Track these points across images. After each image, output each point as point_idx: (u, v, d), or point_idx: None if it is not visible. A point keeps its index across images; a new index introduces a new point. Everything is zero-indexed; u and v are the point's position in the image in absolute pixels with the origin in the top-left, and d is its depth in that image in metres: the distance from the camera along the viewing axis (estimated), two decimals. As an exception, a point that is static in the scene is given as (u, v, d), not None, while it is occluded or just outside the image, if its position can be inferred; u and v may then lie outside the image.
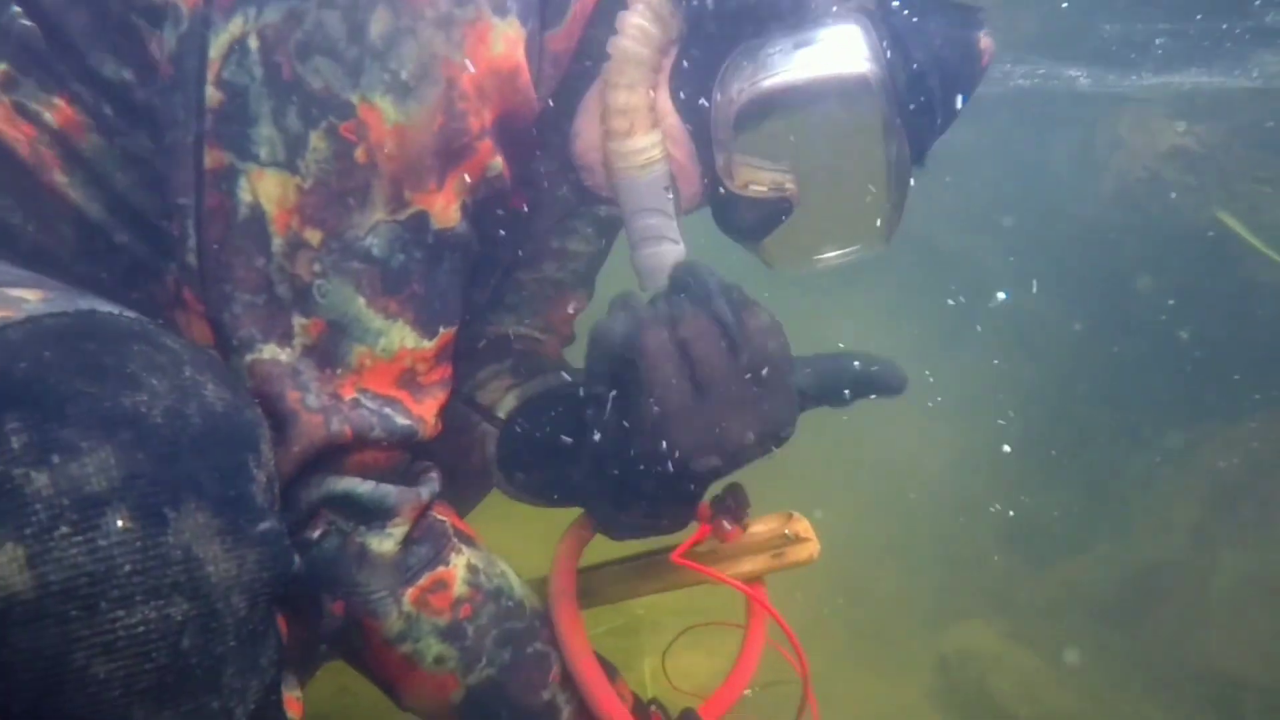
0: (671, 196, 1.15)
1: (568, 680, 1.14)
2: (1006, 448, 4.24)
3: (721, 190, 1.15)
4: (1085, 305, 4.71)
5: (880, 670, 3.33)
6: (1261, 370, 3.92)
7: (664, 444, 0.95)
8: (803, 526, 1.24)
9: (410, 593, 1.02)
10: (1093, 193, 4.58)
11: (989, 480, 4.31)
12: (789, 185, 1.12)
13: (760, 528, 1.24)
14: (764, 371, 0.96)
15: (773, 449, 0.99)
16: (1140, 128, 4.30)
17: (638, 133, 1.11)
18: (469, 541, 1.11)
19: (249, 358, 0.95)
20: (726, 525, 1.17)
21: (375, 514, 1.00)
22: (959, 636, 3.40)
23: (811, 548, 1.23)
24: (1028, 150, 5.12)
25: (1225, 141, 3.98)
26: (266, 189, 0.93)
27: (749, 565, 1.24)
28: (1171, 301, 4.27)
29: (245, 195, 0.93)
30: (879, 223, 1.15)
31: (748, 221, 1.18)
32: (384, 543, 1.00)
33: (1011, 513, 4.11)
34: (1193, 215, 4.06)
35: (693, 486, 1.01)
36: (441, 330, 1.04)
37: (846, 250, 1.20)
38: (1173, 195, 4.12)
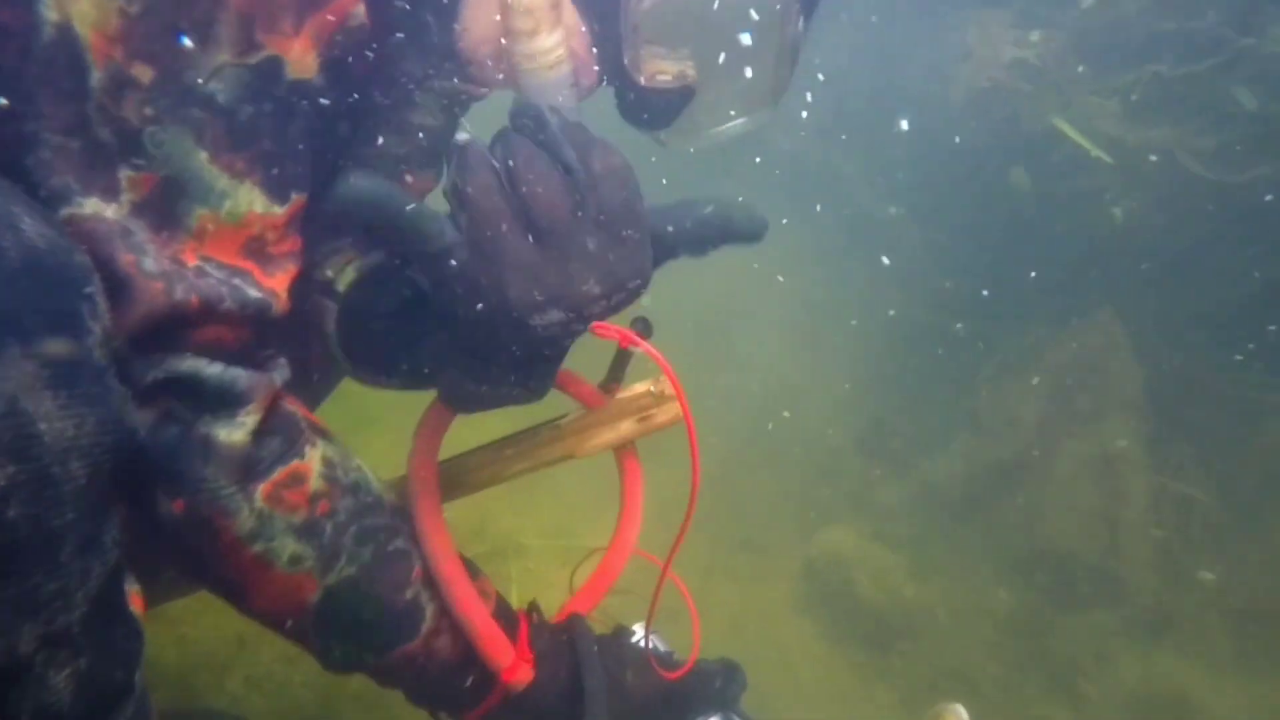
0: (574, 91, 1.14)
1: (431, 579, 1.10)
2: (895, 360, 4.39)
3: (625, 82, 1.15)
4: (936, 215, 4.88)
5: (749, 579, 3.42)
6: (1092, 272, 4.19)
7: (498, 298, 0.89)
8: (668, 387, 1.22)
9: (263, 488, 0.95)
10: (944, 102, 4.71)
11: (850, 389, 4.47)
12: (690, 73, 1.13)
13: (625, 393, 1.23)
14: (611, 217, 0.90)
15: (623, 303, 0.95)
16: (985, 39, 4.42)
17: (542, 32, 1.08)
18: (323, 434, 1.04)
19: (65, 211, 0.82)
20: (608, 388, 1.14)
21: (223, 400, 0.91)
22: (824, 540, 3.53)
23: (676, 407, 1.22)
24: (885, 60, 5.21)
25: (1062, 55, 4.14)
26: (80, 9, 0.80)
27: (615, 433, 1.22)
28: (1015, 210, 4.49)
29: (50, 13, 0.79)
30: (771, 93, 1.19)
31: (654, 111, 1.19)
32: (233, 433, 0.91)
33: (872, 419, 4.27)
34: (1033, 125, 4.24)
35: (541, 346, 0.95)
36: (294, 195, 0.95)
37: (738, 122, 1.24)
38: (1015, 105, 4.28)
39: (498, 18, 1.09)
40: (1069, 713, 2.71)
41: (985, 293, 4.62)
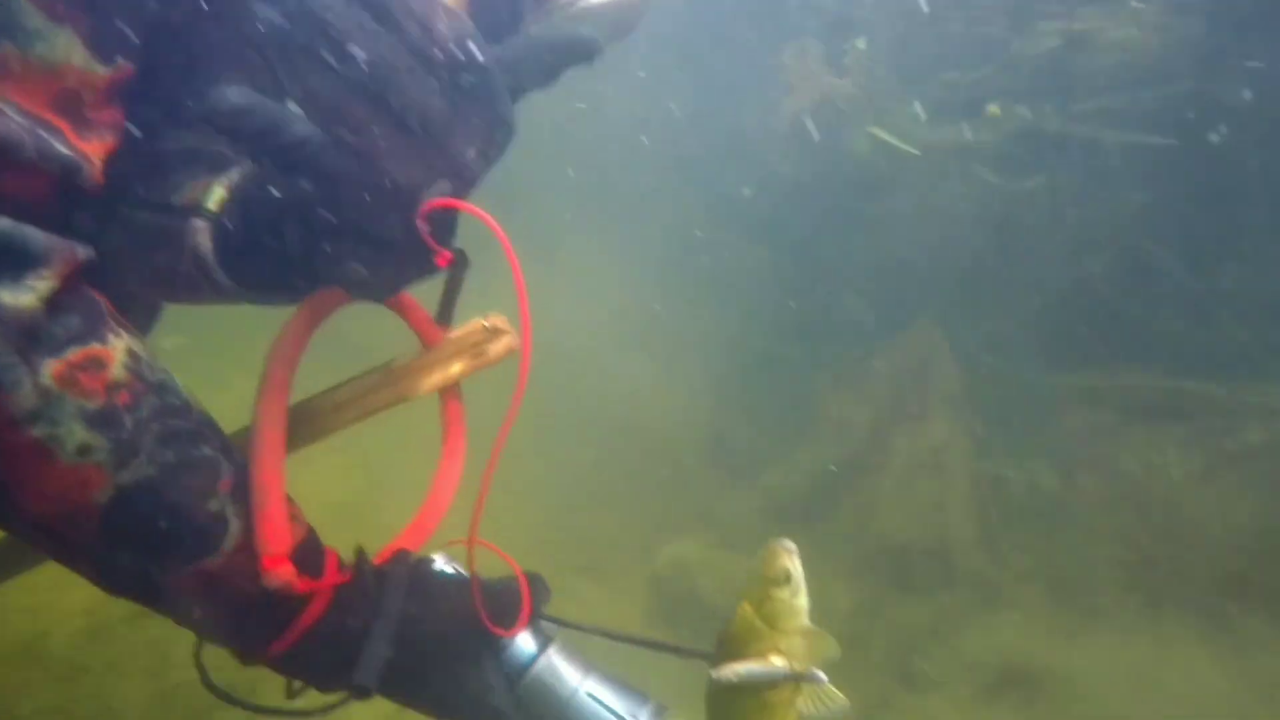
0: None
1: (241, 493, 1.01)
2: (737, 376, 4.50)
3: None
4: (771, 238, 5.13)
5: (597, 599, 3.38)
6: (913, 285, 4.51)
7: (383, 185, 0.90)
8: (500, 320, 1.24)
9: (53, 365, 0.85)
10: (771, 130, 5.00)
11: (692, 409, 4.55)
12: None
13: (457, 331, 1.23)
14: (457, 75, 0.92)
15: (496, 156, 0.98)
16: (801, 64, 4.74)
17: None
18: (129, 330, 0.95)
19: None
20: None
21: (11, 259, 0.81)
22: (669, 553, 3.55)
23: (509, 340, 1.24)
24: (715, 95, 5.49)
25: (873, 72, 4.50)
26: None
27: (448, 371, 1.23)
28: (839, 230, 4.78)
29: None
30: None
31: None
32: (20, 295, 0.81)
33: (715, 434, 4.36)
34: (850, 145, 4.56)
35: (430, 225, 0.96)
36: (120, 61, 0.89)
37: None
38: (833, 125, 4.59)
39: None
40: (905, 688, 2.80)
41: (820, 311, 4.87)
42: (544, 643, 1.18)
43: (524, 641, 1.17)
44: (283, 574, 0.99)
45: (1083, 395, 3.72)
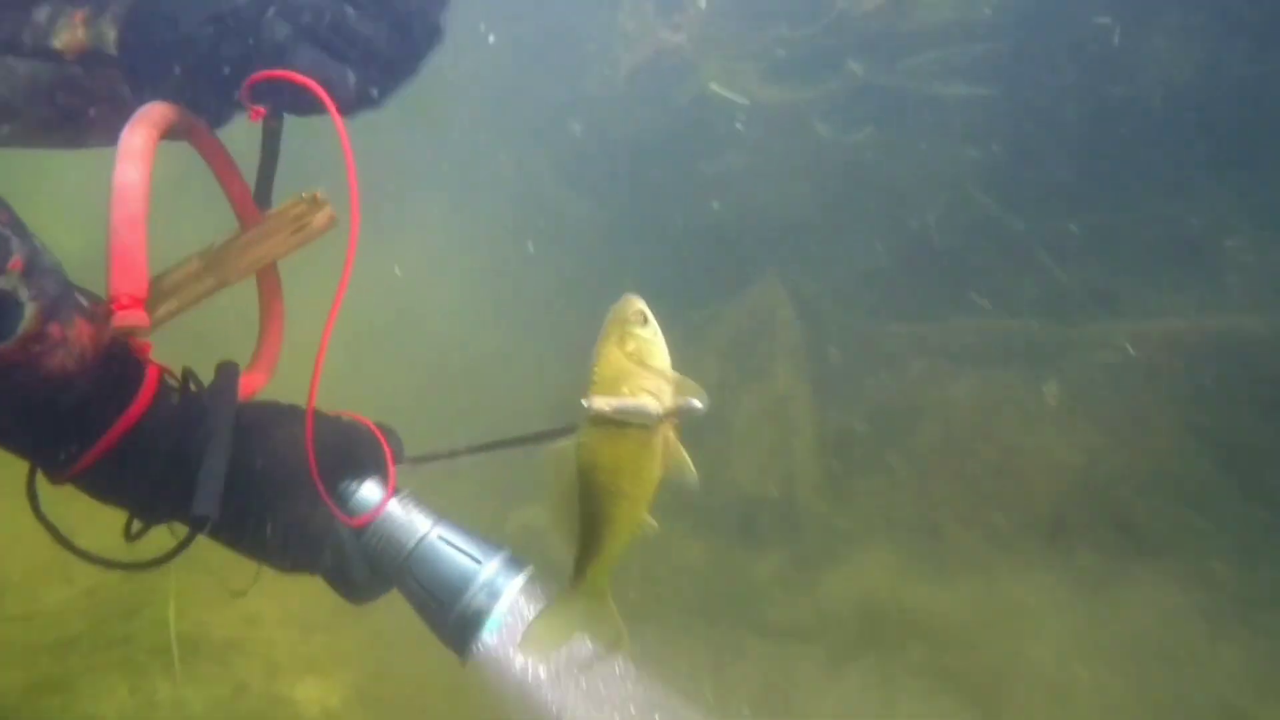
0: None
1: (38, 277, 0.94)
2: (584, 336, 4.42)
3: None
4: (611, 199, 5.10)
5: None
6: (756, 240, 4.59)
7: None
8: (320, 192, 1.25)
9: None
10: (612, 87, 4.94)
11: (541, 372, 4.48)
12: None
13: (276, 208, 1.23)
14: None
15: None
16: (639, 19, 4.69)
17: None
18: None
19: None
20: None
21: None
22: (519, 517, 3.50)
23: (329, 211, 1.25)
24: (555, 52, 5.38)
25: (705, 29, 4.51)
26: None
27: (273, 245, 1.24)
28: (682, 186, 4.80)
29: None
30: None
31: None
32: None
33: (560, 393, 4.29)
34: (687, 101, 4.56)
35: None
36: None
37: None
38: (671, 80, 4.58)
39: None
40: (756, 636, 2.87)
41: (666, 267, 4.89)
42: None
43: (369, 490, 1.12)
44: (136, 316, 0.94)
45: (919, 342, 3.90)
